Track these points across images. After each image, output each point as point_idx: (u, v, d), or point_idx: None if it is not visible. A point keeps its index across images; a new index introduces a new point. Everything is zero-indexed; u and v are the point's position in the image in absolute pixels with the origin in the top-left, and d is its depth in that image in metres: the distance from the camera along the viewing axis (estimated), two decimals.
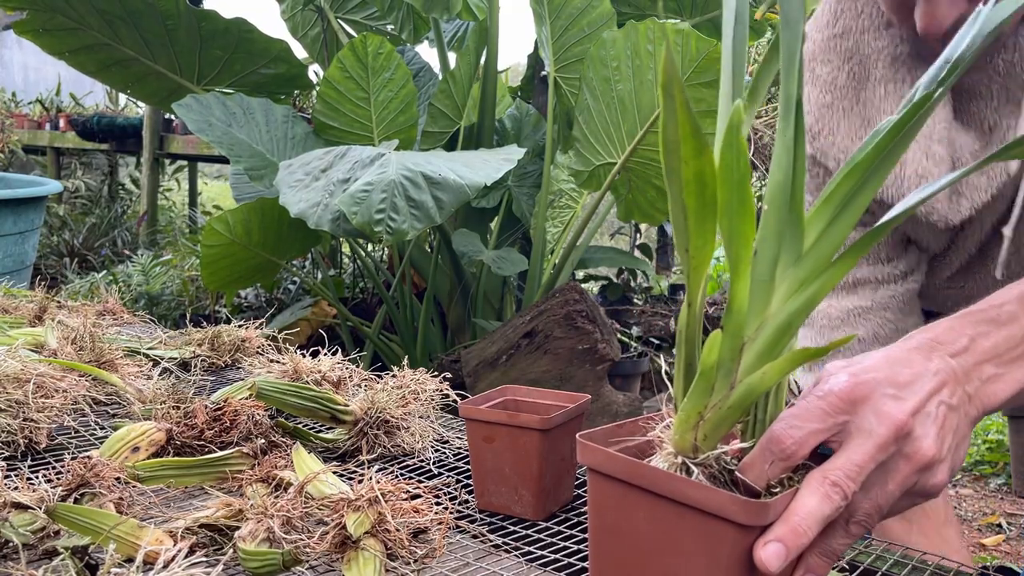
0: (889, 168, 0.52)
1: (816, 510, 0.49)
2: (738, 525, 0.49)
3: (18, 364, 0.91)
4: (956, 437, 0.56)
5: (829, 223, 0.52)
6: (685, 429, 0.53)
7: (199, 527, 0.67)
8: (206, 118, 2.88)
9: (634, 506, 0.53)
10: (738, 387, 0.51)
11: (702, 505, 0.50)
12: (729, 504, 0.49)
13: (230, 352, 1.26)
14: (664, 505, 0.51)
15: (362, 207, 2.14)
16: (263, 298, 3.82)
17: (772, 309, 0.51)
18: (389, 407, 0.93)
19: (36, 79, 9.03)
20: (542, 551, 0.74)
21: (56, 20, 3.10)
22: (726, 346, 0.51)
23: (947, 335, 0.59)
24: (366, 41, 2.85)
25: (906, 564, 0.74)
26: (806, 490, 0.50)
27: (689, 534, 0.51)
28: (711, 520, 0.50)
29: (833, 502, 0.50)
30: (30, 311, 1.31)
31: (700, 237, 0.50)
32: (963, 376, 0.57)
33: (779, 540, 0.48)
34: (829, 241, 0.51)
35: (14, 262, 3.30)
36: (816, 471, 0.51)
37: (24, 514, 0.65)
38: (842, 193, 0.52)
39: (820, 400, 0.53)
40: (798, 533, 0.48)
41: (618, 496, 0.54)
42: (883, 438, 0.52)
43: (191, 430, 0.87)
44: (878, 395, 0.53)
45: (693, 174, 0.47)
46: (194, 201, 6.62)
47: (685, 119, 0.45)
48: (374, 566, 0.63)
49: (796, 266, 0.52)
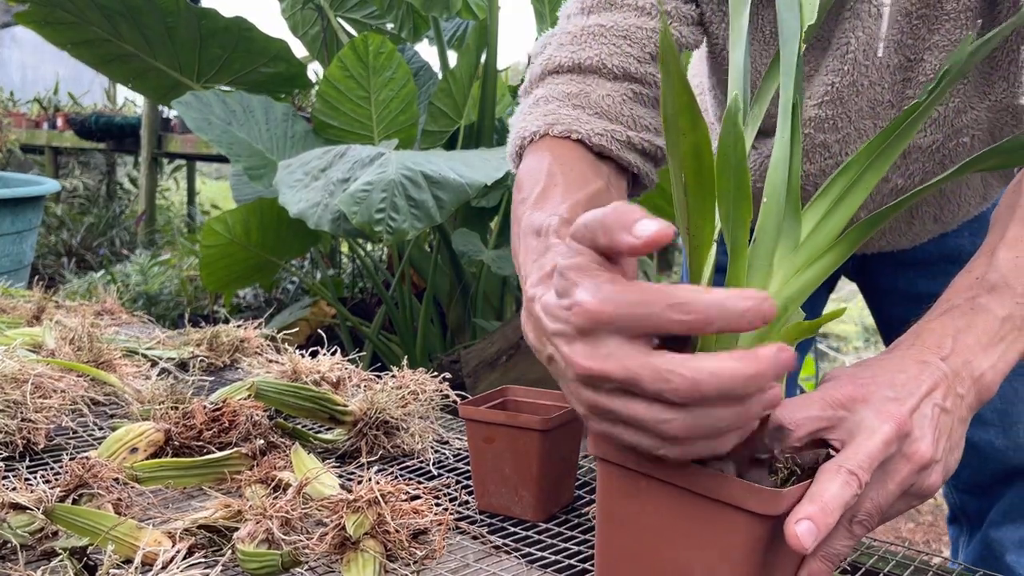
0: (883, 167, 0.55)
1: (839, 494, 0.49)
2: (751, 514, 0.49)
3: (16, 364, 0.90)
4: (951, 440, 0.57)
5: (824, 215, 0.55)
6: None
7: (198, 528, 0.66)
8: (205, 116, 2.88)
9: (644, 496, 0.53)
10: None
11: (714, 494, 0.49)
12: (743, 493, 0.49)
13: (229, 352, 1.26)
14: (675, 494, 0.51)
15: (362, 207, 2.14)
16: (262, 298, 3.82)
17: (770, 293, 0.52)
18: (389, 408, 0.92)
19: (34, 78, 9.02)
20: (542, 552, 0.74)
21: (57, 14, 3.10)
22: None
23: (932, 339, 0.60)
24: (367, 40, 2.85)
25: (908, 565, 0.74)
26: (825, 477, 0.50)
27: (701, 524, 0.51)
28: (724, 509, 0.49)
29: (852, 488, 0.50)
30: (28, 311, 1.30)
31: (700, 215, 0.50)
32: (954, 378, 0.58)
33: (809, 518, 0.48)
34: (825, 232, 0.54)
35: (12, 262, 3.30)
36: (830, 462, 0.51)
37: (22, 515, 0.65)
38: (838, 188, 0.55)
39: (822, 393, 0.54)
40: (826, 512, 0.48)
41: (628, 486, 0.54)
42: (887, 435, 0.52)
43: (190, 431, 0.87)
44: (878, 396, 0.54)
45: (691, 146, 0.47)
46: (192, 200, 6.62)
47: (681, 91, 0.45)
48: (373, 567, 0.62)
49: (793, 254, 0.54)
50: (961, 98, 0.90)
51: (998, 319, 0.61)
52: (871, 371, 0.56)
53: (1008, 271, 0.63)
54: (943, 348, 0.59)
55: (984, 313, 0.61)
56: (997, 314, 0.61)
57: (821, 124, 0.91)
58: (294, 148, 2.98)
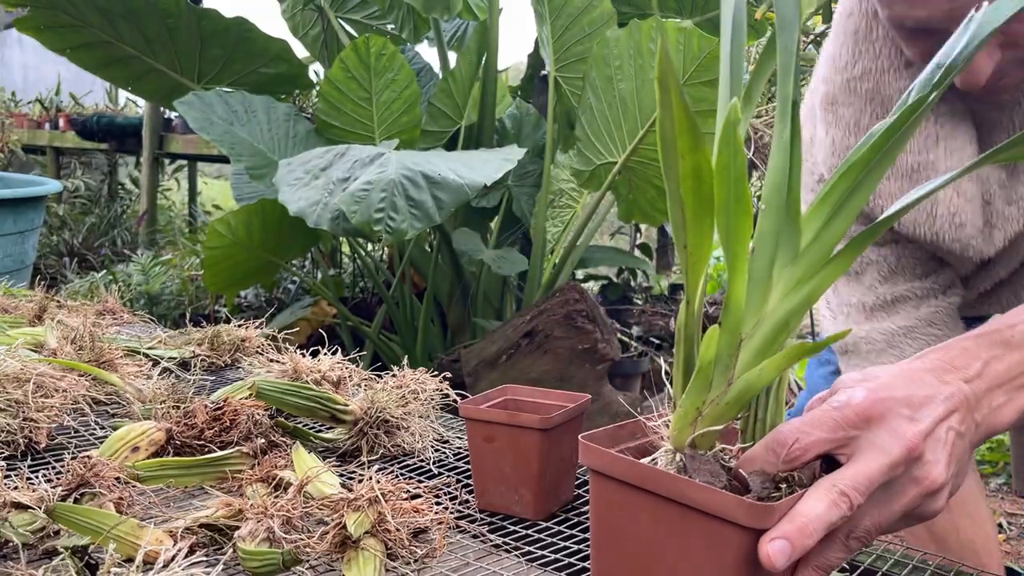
0: (884, 169, 0.53)
1: (824, 514, 0.49)
2: (743, 528, 0.49)
3: (18, 364, 0.91)
4: (960, 464, 0.56)
5: (825, 223, 0.52)
6: (683, 425, 0.53)
7: (199, 527, 0.67)
8: (207, 116, 2.88)
9: (638, 508, 0.53)
10: (736, 383, 0.52)
11: (706, 507, 0.49)
12: (735, 506, 0.49)
13: (230, 352, 1.26)
14: (668, 507, 0.51)
15: (362, 206, 2.14)
16: (263, 298, 3.82)
17: (769, 307, 0.52)
18: (389, 407, 0.93)
19: (36, 78, 9.02)
20: (542, 551, 0.74)
21: (57, 17, 3.10)
22: (724, 342, 0.51)
23: (962, 358, 0.58)
24: (369, 42, 2.85)
25: (906, 564, 0.74)
26: (814, 495, 0.50)
27: (693, 537, 0.50)
28: (716, 522, 0.49)
29: (840, 510, 0.49)
30: (30, 311, 1.31)
31: (698, 233, 0.50)
32: (975, 403, 0.57)
33: (785, 537, 0.48)
34: (825, 241, 0.52)
35: (14, 262, 3.30)
36: (825, 479, 0.51)
37: (24, 514, 0.65)
38: (838, 194, 0.52)
39: (835, 412, 0.53)
40: (804, 533, 0.48)
41: (621, 498, 0.53)
42: (895, 457, 0.52)
43: (191, 430, 0.87)
44: (894, 415, 0.53)
45: (690, 169, 0.47)
46: (194, 200, 6.62)
47: (681, 114, 0.45)
48: (374, 566, 0.63)
49: (793, 265, 0.52)
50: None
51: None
52: (890, 382, 0.55)
53: None
54: (969, 369, 0.58)
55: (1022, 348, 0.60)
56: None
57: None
58: (296, 148, 2.98)
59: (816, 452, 0.51)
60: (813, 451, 0.51)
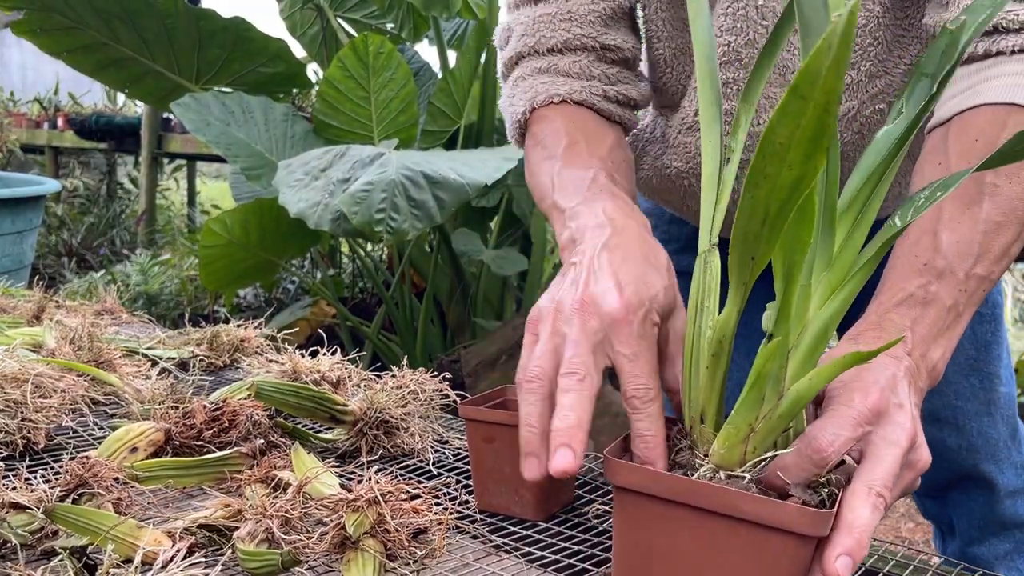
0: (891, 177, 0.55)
1: (871, 521, 0.49)
2: (799, 536, 0.48)
3: (16, 364, 0.90)
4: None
5: (851, 229, 0.53)
6: (734, 443, 0.52)
7: (198, 527, 0.66)
8: (204, 117, 2.88)
9: (677, 525, 0.51)
10: (787, 396, 0.51)
11: (760, 518, 0.48)
12: (795, 516, 0.48)
13: (229, 352, 1.26)
14: (713, 521, 0.50)
15: (362, 207, 2.14)
16: (262, 298, 3.82)
17: (810, 315, 0.52)
18: (389, 407, 0.92)
19: (34, 78, 9.03)
20: (542, 551, 0.74)
21: (54, 19, 3.10)
22: (778, 354, 0.51)
23: (895, 332, 0.61)
24: (367, 41, 2.85)
25: (908, 564, 0.74)
26: (857, 502, 0.50)
27: (741, 550, 0.50)
28: (768, 533, 0.48)
29: (880, 512, 0.50)
30: (28, 311, 1.30)
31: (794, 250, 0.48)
32: (916, 372, 0.59)
33: (848, 554, 0.48)
34: (852, 246, 0.53)
35: (12, 262, 3.30)
36: (858, 482, 0.51)
37: (22, 514, 0.65)
38: (861, 200, 0.54)
39: (848, 410, 0.53)
40: (862, 545, 0.49)
41: (657, 515, 0.52)
42: (904, 448, 0.53)
43: (190, 430, 0.87)
44: (891, 406, 0.54)
45: (794, 179, 0.43)
46: (193, 200, 6.62)
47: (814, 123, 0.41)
48: (373, 566, 0.62)
49: (828, 271, 0.52)
50: (873, 62, 0.87)
51: (945, 308, 0.62)
52: (871, 375, 0.56)
53: (953, 257, 0.64)
54: (906, 342, 0.60)
55: (935, 303, 0.62)
56: (945, 303, 0.62)
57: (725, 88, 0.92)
58: (294, 148, 2.98)
59: (842, 452, 0.52)
60: (842, 452, 0.52)
